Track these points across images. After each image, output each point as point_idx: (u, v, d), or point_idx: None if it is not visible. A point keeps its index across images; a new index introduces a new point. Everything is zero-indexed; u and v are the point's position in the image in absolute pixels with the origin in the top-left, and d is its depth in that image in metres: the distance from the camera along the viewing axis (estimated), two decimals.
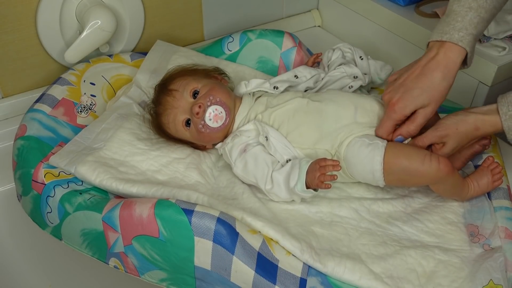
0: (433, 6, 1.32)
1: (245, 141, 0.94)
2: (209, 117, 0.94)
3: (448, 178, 0.86)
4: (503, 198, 0.91)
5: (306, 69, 1.08)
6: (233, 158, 0.93)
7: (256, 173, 0.90)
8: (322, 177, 0.84)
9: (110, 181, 0.89)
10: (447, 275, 0.81)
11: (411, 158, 0.85)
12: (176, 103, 0.97)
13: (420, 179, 0.87)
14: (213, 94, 0.95)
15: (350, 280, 0.79)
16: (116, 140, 0.96)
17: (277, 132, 0.93)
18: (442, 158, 0.85)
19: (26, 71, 1.18)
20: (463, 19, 0.85)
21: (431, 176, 0.85)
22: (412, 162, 0.85)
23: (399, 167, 0.86)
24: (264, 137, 0.92)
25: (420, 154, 0.86)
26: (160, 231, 0.78)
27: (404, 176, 0.87)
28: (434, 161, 0.84)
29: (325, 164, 0.85)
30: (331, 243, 0.85)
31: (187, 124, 0.97)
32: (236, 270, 0.77)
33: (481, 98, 1.16)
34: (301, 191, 0.86)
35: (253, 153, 0.92)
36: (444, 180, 0.86)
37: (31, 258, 1.17)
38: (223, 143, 0.97)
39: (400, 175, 0.87)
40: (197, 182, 0.94)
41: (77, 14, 1.15)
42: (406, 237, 0.88)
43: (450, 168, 0.85)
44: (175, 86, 0.98)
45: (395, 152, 0.87)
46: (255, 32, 1.22)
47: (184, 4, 1.31)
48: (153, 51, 1.18)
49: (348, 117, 0.92)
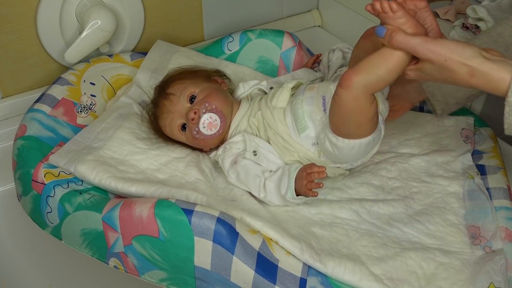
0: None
1: (235, 153, 0.94)
2: (203, 125, 0.94)
3: (359, 80, 0.76)
4: (503, 198, 0.91)
5: (305, 72, 1.08)
6: (226, 168, 0.94)
7: (248, 183, 0.91)
8: (309, 185, 0.85)
9: (109, 180, 0.89)
10: (447, 278, 0.81)
11: (334, 110, 0.80)
12: (173, 108, 0.97)
13: (354, 108, 0.79)
14: (210, 100, 0.95)
15: (351, 281, 0.79)
16: (116, 139, 0.96)
17: (266, 144, 0.93)
18: (340, 79, 0.77)
19: (26, 71, 1.18)
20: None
21: (352, 97, 0.77)
22: (336, 110, 0.80)
23: (340, 124, 0.82)
24: (251, 153, 0.92)
25: (331, 101, 0.80)
26: (160, 231, 0.78)
27: (350, 120, 0.81)
28: (337, 88, 0.77)
29: (311, 171, 0.85)
30: (331, 244, 0.85)
31: (183, 129, 0.98)
32: (236, 270, 0.77)
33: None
34: (292, 198, 0.87)
35: (244, 165, 0.92)
36: (363, 84, 0.76)
37: (31, 258, 1.17)
38: (215, 153, 0.97)
39: (349, 124, 0.81)
40: (197, 179, 0.94)
41: (77, 14, 1.15)
42: (407, 239, 0.87)
43: (351, 75, 0.76)
44: (172, 90, 0.98)
45: (329, 121, 0.83)
46: (255, 32, 1.22)
47: (184, 4, 1.31)
48: (153, 51, 1.18)
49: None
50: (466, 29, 1.19)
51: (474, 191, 0.94)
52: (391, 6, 0.74)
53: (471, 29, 1.18)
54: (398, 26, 0.75)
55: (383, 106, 0.91)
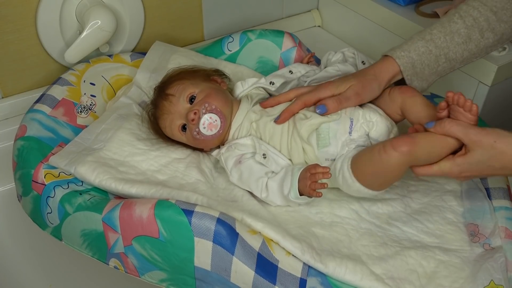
0: (433, 6, 1.32)
1: (240, 153, 0.94)
2: (203, 125, 0.94)
3: (415, 151, 0.80)
4: (503, 198, 0.91)
5: (300, 65, 1.09)
6: (229, 167, 0.93)
7: (250, 183, 0.91)
8: (313, 185, 0.84)
9: (110, 181, 0.89)
10: (448, 276, 0.81)
11: (371, 159, 0.83)
12: (173, 108, 0.97)
13: (393, 171, 0.83)
14: (209, 101, 0.95)
15: (352, 281, 0.79)
16: (116, 140, 0.96)
17: (273, 148, 0.94)
18: (395, 139, 0.82)
19: (26, 71, 1.18)
20: (411, 44, 0.93)
21: (399, 162, 0.81)
22: (373, 162, 0.83)
23: (366, 172, 0.84)
24: (261, 155, 0.92)
25: (374, 151, 0.83)
26: (160, 232, 0.78)
27: (379, 177, 0.85)
28: (388, 148, 0.81)
29: (315, 172, 0.85)
30: (332, 244, 0.85)
31: (183, 129, 0.97)
32: (236, 271, 0.77)
33: (481, 98, 1.16)
34: (295, 198, 0.87)
35: (248, 165, 0.92)
36: (414, 155, 0.81)
37: (31, 258, 1.17)
38: (218, 152, 0.97)
39: (375, 178, 0.85)
40: (197, 180, 0.94)
41: (77, 14, 1.15)
42: (406, 237, 0.87)
43: (409, 141, 0.80)
44: (172, 91, 0.98)
45: (356, 159, 0.85)
46: (255, 32, 1.22)
47: (184, 4, 1.31)
48: (152, 51, 1.17)
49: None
50: None
51: (472, 190, 0.94)
52: (473, 108, 0.78)
53: None
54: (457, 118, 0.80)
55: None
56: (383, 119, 0.91)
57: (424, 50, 0.92)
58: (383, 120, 0.91)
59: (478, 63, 1.14)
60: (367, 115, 0.91)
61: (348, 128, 0.90)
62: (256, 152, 0.93)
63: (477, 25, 0.91)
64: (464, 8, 0.93)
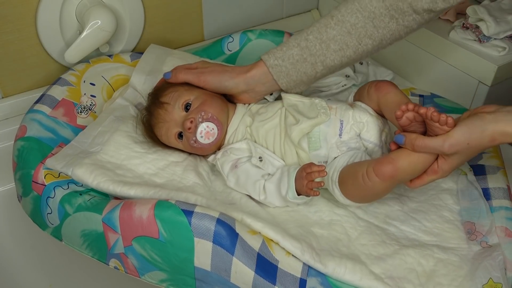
0: None
1: (235, 158, 0.93)
2: (200, 134, 0.93)
3: (397, 175, 0.81)
4: (503, 198, 0.91)
5: None
6: (225, 172, 0.93)
7: (248, 187, 0.90)
8: (310, 185, 0.84)
9: (108, 183, 0.88)
10: (447, 274, 0.81)
11: (355, 183, 0.84)
12: (168, 117, 0.95)
13: (380, 193, 0.85)
14: (205, 109, 0.94)
15: (351, 281, 0.79)
16: (112, 143, 0.95)
17: (268, 150, 0.94)
18: (376, 164, 0.82)
19: (26, 71, 1.18)
20: (287, 50, 0.92)
21: (384, 187, 0.83)
22: (359, 186, 0.84)
23: (353, 193, 0.86)
24: (257, 159, 0.92)
25: (358, 176, 0.83)
26: (160, 232, 0.78)
27: (366, 196, 0.87)
28: (371, 175, 0.82)
29: (310, 171, 0.85)
30: (331, 243, 0.85)
31: (179, 137, 0.96)
32: (236, 271, 0.77)
33: (481, 98, 1.16)
34: (293, 198, 0.87)
35: (245, 168, 0.92)
36: (398, 178, 0.82)
37: (31, 258, 1.17)
38: (214, 157, 0.96)
39: (363, 198, 0.87)
40: (195, 183, 0.93)
41: (77, 14, 1.15)
42: (404, 236, 0.88)
43: (391, 167, 0.81)
44: (166, 99, 0.96)
45: (342, 178, 0.86)
46: (255, 32, 1.22)
47: (184, 4, 1.31)
48: (147, 53, 1.16)
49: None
50: (466, 29, 1.19)
51: (467, 189, 0.94)
52: (448, 120, 0.77)
53: (471, 29, 1.18)
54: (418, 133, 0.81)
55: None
56: (373, 119, 0.91)
57: (299, 58, 0.91)
58: (374, 120, 0.91)
59: (478, 63, 1.14)
60: (357, 116, 0.91)
61: (338, 130, 0.90)
62: (252, 155, 0.93)
63: (355, 31, 0.89)
64: (343, 11, 0.90)
